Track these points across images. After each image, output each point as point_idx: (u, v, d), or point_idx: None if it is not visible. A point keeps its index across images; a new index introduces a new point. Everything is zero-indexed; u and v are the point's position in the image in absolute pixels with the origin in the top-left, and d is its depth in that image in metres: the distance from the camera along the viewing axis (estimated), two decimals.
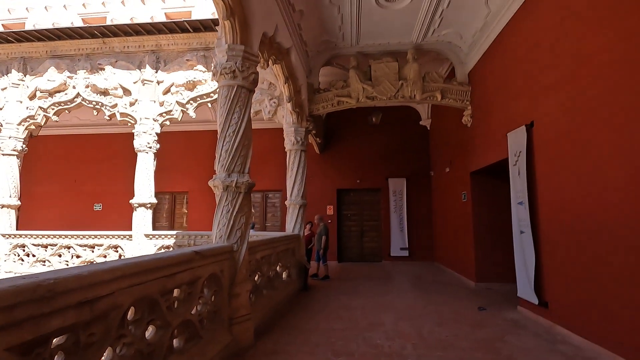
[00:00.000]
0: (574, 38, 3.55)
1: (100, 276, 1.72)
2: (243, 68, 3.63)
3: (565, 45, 3.72)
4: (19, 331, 1.33)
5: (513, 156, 4.71)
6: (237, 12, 3.49)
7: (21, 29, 8.09)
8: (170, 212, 11.23)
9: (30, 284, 1.35)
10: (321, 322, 4.21)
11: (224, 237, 3.45)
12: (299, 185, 6.57)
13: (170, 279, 2.43)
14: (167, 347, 2.40)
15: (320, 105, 6.94)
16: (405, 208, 9.93)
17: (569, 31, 3.66)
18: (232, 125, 3.55)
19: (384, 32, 6.46)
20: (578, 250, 3.49)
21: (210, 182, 3.56)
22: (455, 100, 6.62)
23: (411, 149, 10.27)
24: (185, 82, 7.04)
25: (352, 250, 10.31)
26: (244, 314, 3.47)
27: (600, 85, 3.17)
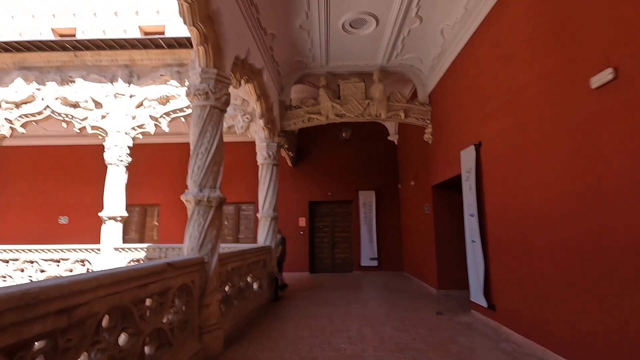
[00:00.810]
0: (509, 73, 4.07)
1: (79, 286, 1.89)
2: (215, 90, 3.88)
3: (502, 78, 4.23)
4: (5, 335, 1.49)
5: (465, 172, 5.18)
6: (210, 38, 3.75)
7: None
8: (140, 224, 11.07)
9: (18, 292, 1.52)
10: (289, 330, 4.42)
11: (195, 250, 3.62)
12: (271, 198, 6.79)
13: (143, 289, 2.59)
14: (139, 354, 2.55)
15: (291, 121, 7.25)
16: (374, 219, 10.33)
17: (505, 67, 4.18)
18: (205, 143, 3.76)
19: (352, 54, 6.90)
20: (516, 258, 3.93)
21: (182, 197, 3.73)
22: (417, 119, 7.12)
23: (380, 163, 10.75)
24: (159, 96, 7.15)
25: (324, 261, 10.55)
26: (214, 323, 3.63)
27: (530, 114, 3.66)
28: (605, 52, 2.66)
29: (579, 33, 2.95)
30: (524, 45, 3.79)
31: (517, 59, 3.91)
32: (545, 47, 3.42)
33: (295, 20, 5.67)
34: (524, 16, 3.79)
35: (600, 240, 2.69)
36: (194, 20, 3.51)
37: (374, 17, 5.65)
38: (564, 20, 3.14)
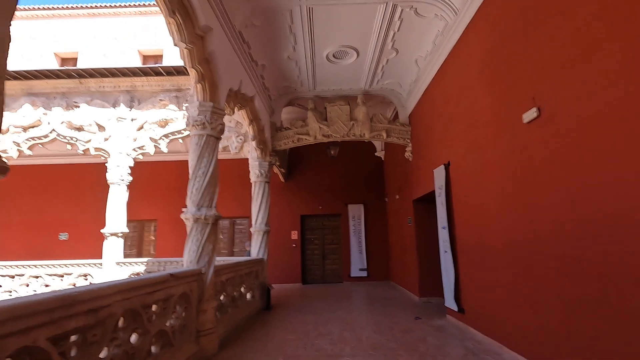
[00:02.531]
0: (467, 102, 4.68)
1: (104, 291, 2.38)
2: (212, 120, 4.42)
3: (462, 106, 4.84)
4: (53, 326, 1.98)
5: (438, 189, 5.74)
6: (207, 76, 4.31)
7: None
8: (138, 239, 11.46)
9: (63, 294, 2.02)
10: (277, 334, 4.87)
11: (193, 262, 4.11)
12: (263, 213, 7.29)
13: (150, 296, 3.07)
14: (147, 351, 3.01)
15: (282, 141, 7.81)
16: (363, 231, 10.83)
17: (463, 96, 4.80)
18: (202, 168, 4.28)
19: (337, 80, 7.52)
20: (476, 265, 4.45)
21: (182, 215, 4.23)
22: (398, 139, 7.71)
23: (368, 178, 11.32)
24: (158, 119, 7.69)
25: (315, 272, 10.99)
26: (210, 327, 4.08)
27: (481, 140, 4.24)
28: (531, 93, 3.25)
29: (514, 74, 3.55)
30: (476, 79, 4.40)
31: (472, 90, 4.52)
32: (490, 83, 4.03)
33: (283, 52, 6.28)
34: (475, 56, 4.42)
35: (530, 246, 3.23)
36: (193, 62, 4.08)
37: (354, 50, 6.28)
38: (503, 61, 3.75)
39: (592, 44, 2.51)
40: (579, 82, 2.64)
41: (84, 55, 11.95)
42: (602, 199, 2.41)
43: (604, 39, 2.41)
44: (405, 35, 5.81)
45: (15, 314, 1.70)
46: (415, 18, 5.30)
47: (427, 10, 5.08)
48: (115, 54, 11.89)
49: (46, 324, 1.92)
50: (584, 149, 2.59)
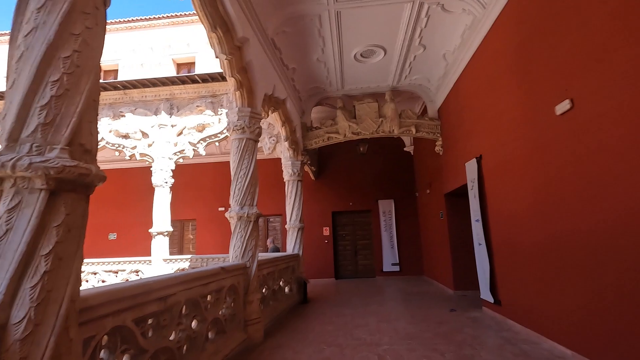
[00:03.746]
0: (495, 96, 4.70)
1: (170, 281, 2.71)
2: (250, 124, 4.72)
3: (490, 100, 4.86)
4: (136, 310, 2.31)
5: (470, 182, 5.77)
6: (245, 84, 4.62)
7: None
8: (179, 238, 12.15)
9: (142, 283, 2.35)
10: (317, 325, 5.13)
11: (238, 257, 4.43)
12: (297, 211, 7.58)
13: (206, 287, 3.40)
14: (205, 336, 3.35)
15: (313, 141, 8.06)
16: (394, 226, 10.91)
17: (492, 90, 4.81)
18: (243, 169, 4.60)
19: (364, 79, 7.66)
20: (511, 257, 4.49)
21: (226, 214, 4.57)
22: (427, 133, 7.75)
23: (397, 173, 11.36)
24: (196, 125, 8.16)
25: (347, 267, 11.20)
26: (256, 317, 4.40)
27: (510, 133, 4.27)
28: (564, 85, 3.28)
29: (546, 65, 3.57)
30: (506, 72, 4.42)
31: (502, 83, 4.54)
32: (521, 75, 4.05)
33: (312, 55, 6.50)
34: (504, 48, 4.43)
35: (567, 239, 3.27)
36: (233, 72, 4.39)
37: (381, 48, 6.40)
38: (535, 53, 3.77)
39: (628, 32, 2.54)
40: (615, 72, 2.67)
41: (124, 66, 12.76)
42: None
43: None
44: (432, 31, 5.86)
45: (110, 298, 2.03)
46: (443, 14, 5.35)
47: (454, 5, 5.12)
48: (151, 64, 12.61)
49: (131, 308, 2.26)
50: (621, 140, 2.62)
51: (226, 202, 11.72)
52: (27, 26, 1.65)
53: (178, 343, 2.83)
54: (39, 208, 1.51)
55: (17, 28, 1.67)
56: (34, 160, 1.50)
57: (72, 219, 1.62)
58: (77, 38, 1.72)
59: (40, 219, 1.51)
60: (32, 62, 1.60)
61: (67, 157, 1.60)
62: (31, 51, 1.62)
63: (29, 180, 1.51)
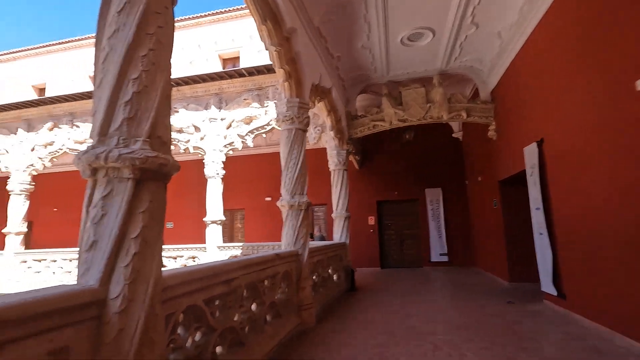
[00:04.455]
0: (564, 74, 4.32)
1: (232, 266, 2.87)
2: (299, 114, 4.79)
3: (558, 78, 4.48)
4: (205, 291, 2.48)
5: (529, 168, 5.41)
6: (293, 75, 4.67)
7: None
8: (229, 227, 12.73)
9: (209, 266, 2.51)
10: (367, 313, 5.16)
11: (290, 244, 4.56)
12: (343, 200, 7.61)
13: (263, 272, 3.55)
14: (263, 319, 3.51)
15: (358, 129, 7.99)
16: (442, 216, 10.58)
17: (559, 67, 4.43)
18: (293, 159, 4.69)
19: (411, 63, 7.41)
20: (582, 248, 4.17)
21: (278, 203, 4.70)
22: (479, 118, 7.35)
23: (445, 160, 10.95)
24: (244, 117, 8.44)
25: (393, 257, 11.09)
26: (308, 302, 4.52)
27: (584, 114, 3.91)
28: None
29: (623, 37, 3.22)
30: (574, 47, 4.04)
31: (569, 59, 4.16)
32: (593, 50, 3.68)
33: (357, 42, 6.41)
34: (571, 21, 4.05)
35: None
36: (282, 63, 4.46)
37: (430, 30, 6.14)
38: (609, 25, 3.41)
39: None
40: None
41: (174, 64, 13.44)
42: None
43: None
44: (486, 8, 5.50)
45: (185, 279, 2.19)
46: None
47: None
48: (200, 61, 13.17)
49: (201, 289, 2.42)
50: None
51: (273, 192, 12.07)
52: (109, 29, 1.80)
53: (241, 324, 3.00)
54: (127, 195, 1.66)
55: (101, 31, 1.83)
56: (122, 152, 1.64)
57: (155, 206, 1.76)
58: (151, 37, 1.84)
59: (129, 205, 1.66)
60: (115, 62, 1.74)
61: (149, 148, 1.73)
62: (114, 52, 1.76)
63: (118, 170, 1.66)
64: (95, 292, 1.55)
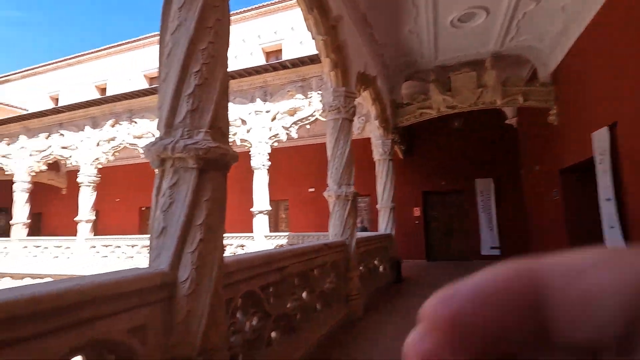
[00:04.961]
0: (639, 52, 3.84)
1: (285, 254, 2.93)
2: (345, 104, 4.73)
3: (631, 58, 3.99)
4: (261, 279, 2.55)
5: (598, 155, 4.93)
6: (339, 64, 4.61)
7: None
8: (274, 217, 13.06)
9: (265, 254, 2.58)
10: (416, 304, 5.01)
11: (338, 235, 4.56)
12: (389, 191, 7.47)
13: (312, 261, 3.59)
14: (314, 307, 3.57)
15: (403, 118, 7.76)
16: (494, 207, 10.02)
17: (634, 45, 3.93)
18: (340, 149, 4.66)
19: (461, 46, 7.02)
20: None
21: (325, 193, 4.72)
22: (538, 102, 6.81)
23: (497, 149, 10.31)
24: (288, 109, 8.53)
25: (439, 249, 10.75)
26: (355, 293, 4.52)
27: None
28: None
29: None
30: None
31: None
32: None
33: (404, 26, 6.17)
34: None
35: None
36: (328, 52, 4.42)
37: (483, 9, 5.75)
38: None
39: None
40: None
41: None
42: None
43: None
44: None
45: (243, 266, 2.27)
46: None
47: None
48: (244, 55, 13.49)
49: (257, 276, 2.50)
50: None
51: (316, 183, 12.16)
52: (172, 25, 1.87)
53: (293, 311, 3.06)
54: (192, 184, 1.73)
55: (165, 28, 1.91)
56: (187, 142, 1.71)
57: (216, 195, 1.83)
58: (210, 30, 1.88)
59: (194, 194, 1.73)
60: (178, 56, 1.81)
61: (210, 139, 1.79)
62: (177, 47, 1.83)
63: (183, 160, 1.74)
64: (166, 275, 1.65)
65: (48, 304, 1.16)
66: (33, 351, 1.12)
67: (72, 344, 1.25)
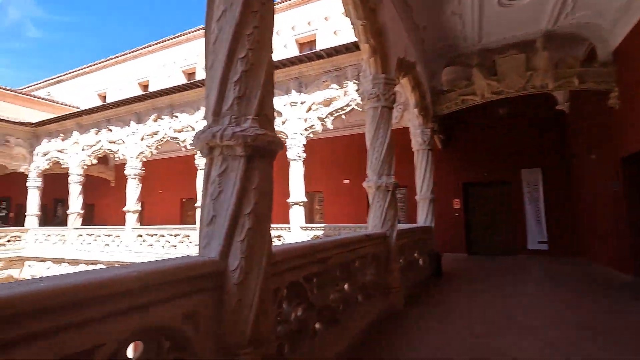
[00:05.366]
0: None
1: (328, 245, 2.87)
2: (385, 91, 4.57)
3: None
4: (305, 269, 2.52)
5: None
6: (379, 49, 4.45)
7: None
8: (309, 209, 13.12)
9: (310, 244, 2.54)
10: (458, 300, 4.85)
11: (378, 226, 4.45)
12: (428, 182, 7.21)
13: (354, 252, 3.51)
14: (355, 299, 3.50)
15: (444, 105, 7.43)
16: (542, 199, 9.42)
17: None
18: (379, 138, 4.52)
19: (509, 27, 6.55)
20: None
21: (364, 184, 4.61)
22: (596, 83, 6.23)
23: (546, 137, 9.64)
24: (323, 100, 8.45)
25: (480, 243, 10.29)
26: (396, 286, 4.40)
27: None
28: None
29: None
30: None
31: None
32: None
33: (446, 7, 5.85)
34: None
35: None
36: (367, 37, 4.26)
37: None
38: None
39: None
40: None
41: None
42: None
43: None
44: None
45: (288, 256, 2.24)
46: None
47: None
48: (278, 48, 13.51)
49: (301, 266, 2.46)
50: None
51: (351, 174, 12.04)
52: (217, 11, 1.83)
53: (335, 302, 3.02)
54: (240, 172, 1.71)
55: (210, 15, 1.88)
56: (235, 130, 1.68)
57: (264, 183, 1.79)
58: (255, 15, 1.83)
59: (242, 182, 1.71)
60: (224, 42, 1.78)
61: (258, 126, 1.75)
62: (223, 33, 1.80)
63: (231, 148, 1.72)
64: (216, 263, 1.64)
65: (110, 289, 1.18)
66: (100, 334, 1.14)
67: (132, 328, 1.27)
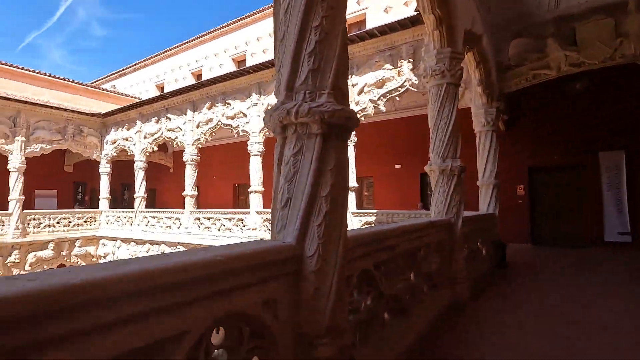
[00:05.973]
0: None
1: (397, 231, 2.70)
2: (450, 67, 4.19)
3: None
4: (374, 257, 2.37)
5: None
6: (444, 21, 4.07)
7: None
8: (357, 194, 12.92)
9: (379, 231, 2.38)
10: (530, 294, 4.44)
11: (441, 213, 4.17)
12: (492, 166, 6.67)
13: (419, 240, 3.30)
14: (420, 289, 3.31)
15: (512, 82, 6.77)
16: (624, 186, 8.35)
17: None
18: (444, 118, 4.18)
19: None
20: None
21: (426, 168, 4.32)
22: None
23: (631, 115, 8.46)
24: (375, 81, 8.10)
25: (547, 233, 9.44)
26: (461, 276, 4.12)
27: None
28: None
29: None
30: None
31: None
32: None
33: None
34: None
35: None
36: (433, 8, 3.91)
37: None
38: None
39: None
40: None
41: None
42: None
43: None
44: None
45: (359, 242, 2.10)
46: None
47: None
48: None
49: (371, 253, 2.32)
50: None
51: (402, 159, 11.61)
52: None
53: (402, 292, 2.85)
54: (317, 152, 1.58)
55: None
56: (312, 105, 1.55)
57: (340, 163, 1.66)
58: None
59: (318, 162, 1.58)
60: (297, 10, 1.63)
61: (334, 101, 1.61)
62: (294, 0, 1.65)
63: (306, 126, 1.59)
64: (292, 248, 1.55)
65: (195, 273, 1.12)
66: (186, 319, 1.09)
67: (215, 314, 1.21)
